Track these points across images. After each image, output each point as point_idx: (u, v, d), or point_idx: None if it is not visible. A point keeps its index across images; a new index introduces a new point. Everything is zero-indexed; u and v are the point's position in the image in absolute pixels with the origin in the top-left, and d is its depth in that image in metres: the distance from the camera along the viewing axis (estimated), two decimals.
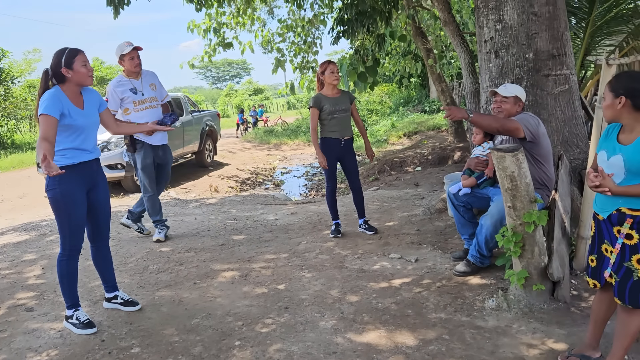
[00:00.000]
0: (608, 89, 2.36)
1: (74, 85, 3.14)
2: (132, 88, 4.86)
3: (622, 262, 2.35)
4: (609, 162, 2.37)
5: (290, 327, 3.22)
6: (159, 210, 5.21)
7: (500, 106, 3.69)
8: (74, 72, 3.09)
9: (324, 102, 4.89)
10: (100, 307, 3.62)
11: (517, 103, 3.68)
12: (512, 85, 3.75)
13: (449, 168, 9.69)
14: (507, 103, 3.67)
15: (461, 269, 3.87)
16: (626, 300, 2.35)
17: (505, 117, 3.67)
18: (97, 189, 3.32)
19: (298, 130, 22.11)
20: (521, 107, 3.72)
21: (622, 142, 2.35)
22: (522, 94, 3.71)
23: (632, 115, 2.30)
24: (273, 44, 10.51)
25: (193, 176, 11.74)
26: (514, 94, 3.66)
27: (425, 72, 17.31)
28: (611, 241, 2.40)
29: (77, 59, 3.10)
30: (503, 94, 3.67)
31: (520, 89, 3.72)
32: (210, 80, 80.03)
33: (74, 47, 3.16)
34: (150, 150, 4.95)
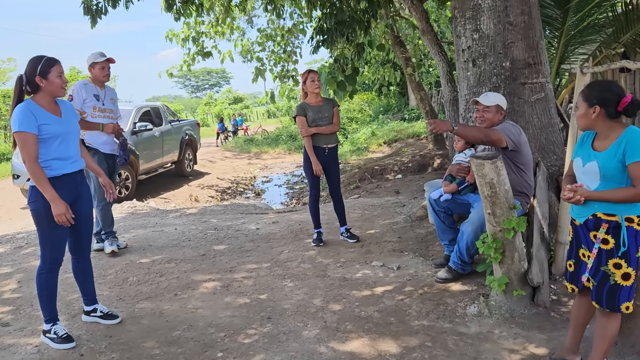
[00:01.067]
0: (581, 98, 2.40)
1: (47, 95, 3.08)
2: (96, 94, 4.86)
3: (599, 267, 2.40)
4: (584, 168, 2.42)
5: (273, 337, 3.20)
6: (111, 222, 5.13)
7: (483, 115, 3.74)
8: (48, 82, 3.03)
9: (307, 110, 4.91)
10: (79, 320, 3.55)
11: (499, 111, 3.74)
12: (493, 94, 3.81)
13: (429, 175, 9.77)
14: (489, 112, 3.72)
15: (443, 275, 3.90)
16: (604, 304, 2.39)
17: (487, 126, 3.72)
18: (81, 201, 3.27)
19: (278, 139, 22.09)
20: (503, 116, 3.78)
21: (597, 149, 2.40)
22: (503, 102, 3.77)
23: (606, 124, 2.36)
24: (253, 53, 10.52)
25: (173, 186, 11.64)
26: (495, 103, 3.71)
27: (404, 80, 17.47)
28: (588, 246, 2.44)
29: (54, 70, 3.04)
30: (485, 103, 3.72)
31: (501, 98, 3.78)
32: (190, 89, 79.57)
33: (51, 56, 3.12)
34: (103, 158, 4.91)
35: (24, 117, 2.94)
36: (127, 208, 8.26)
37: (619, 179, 2.30)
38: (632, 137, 2.28)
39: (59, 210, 2.98)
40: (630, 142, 2.27)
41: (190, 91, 79.08)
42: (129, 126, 10.22)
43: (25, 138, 2.93)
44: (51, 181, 3.02)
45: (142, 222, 6.73)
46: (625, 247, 2.32)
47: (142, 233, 6.02)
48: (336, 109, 5.03)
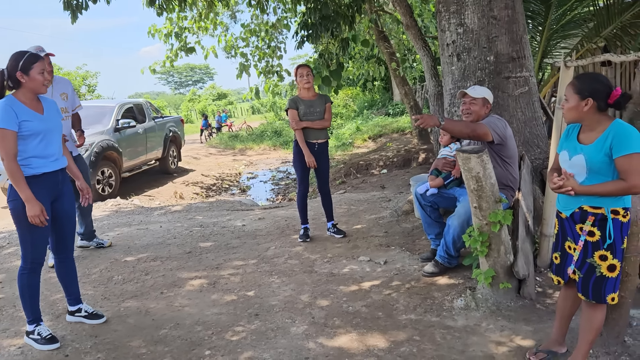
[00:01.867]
0: (573, 90, 2.38)
1: (28, 91, 3.01)
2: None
3: (585, 259, 2.42)
4: (570, 161, 2.43)
5: (261, 334, 3.18)
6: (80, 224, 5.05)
7: (470, 107, 3.76)
8: (29, 78, 2.97)
9: (299, 104, 4.89)
10: (63, 320, 3.50)
11: (486, 105, 3.76)
12: (480, 87, 3.83)
13: (414, 170, 9.80)
14: (476, 105, 3.74)
15: (430, 269, 3.92)
16: (590, 295, 2.41)
17: (474, 119, 3.74)
18: (62, 199, 3.21)
19: (263, 135, 22.01)
20: (489, 109, 3.80)
21: (583, 142, 2.41)
22: (490, 96, 3.79)
23: (595, 117, 2.36)
24: (236, 48, 10.45)
25: (157, 183, 11.53)
26: (482, 96, 3.73)
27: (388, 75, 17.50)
28: (574, 238, 2.46)
29: (36, 66, 2.97)
30: (472, 95, 3.74)
31: (488, 91, 3.80)
32: (173, 85, 78.92)
33: (35, 52, 3.05)
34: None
35: (3, 114, 2.88)
36: (110, 206, 8.17)
37: (606, 172, 2.32)
38: (619, 131, 2.29)
39: (33, 212, 2.93)
40: (617, 136, 2.28)
41: (174, 87, 78.45)
42: (112, 123, 10.10)
43: (4, 135, 2.87)
44: (31, 180, 2.97)
45: (126, 220, 6.66)
46: (611, 239, 2.35)
47: (126, 231, 5.95)
48: (328, 105, 5.02)
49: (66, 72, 24.96)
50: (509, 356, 2.77)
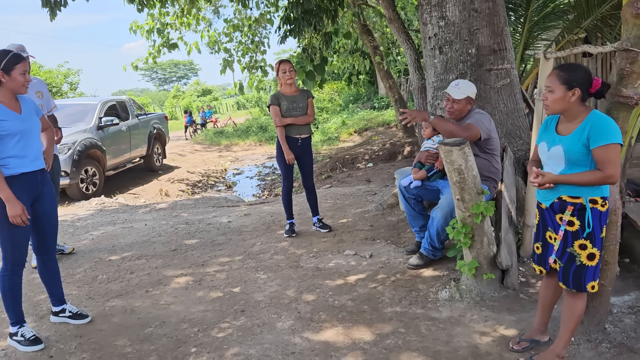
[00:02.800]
0: (558, 81, 2.35)
1: (7, 91, 2.98)
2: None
3: (565, 248, 2.45)
4: (549, 152, 2.46)
5: (247, 330, 3.18)
6: None
7: (453, 106, 3.75)
8: (10, 78, 2.94)
9: (281, 99, 4.88)
10: (47, 321, 3.47)
11: (469, 102, 3.77)
12: (464, 83, 3.78)
13: (399, 163, 9.84)
14: (459, 104, 3.74)
15: (414, 262, 3.94)
16: (570, 284, 2.45)
17: (456, 116, 3.76)
18: (43, 200, 3.18)
19: (249, 131, 21.92)
20: (472, 105, 3.80)
21: (561, 133, 2.43)
22: (473, 91, 3.78)
23: (579, 107, 2.38)
24: (220, 44, 10.37)
25: (142, 181, 11.44)
26: (465, 95, 3.72)
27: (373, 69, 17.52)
28: (554, 228, 2.49)
29: (18, 67, 2.95)
30: (455, 96, 3.71)
31: (471, 87, 3.77)
32: (157, 82, 78.16)
33: (18, 52, 3.02)
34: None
35: None
36: (95, 205, 8.09)
37: (584, 162, 2.34)
38: (596, 121, 2.31)
39: (14, 211, 2.90)
40: (594, 127, 2.30)
41: (158, 84, 77.72)
42: (95, 121, 9.99)
43: None
44: (9, 180, 2.93)
45: (110, 219, 6.60)
46: (590, 228, 2.38)
47: (111, 230, 5.91)
48: (310, 100, 5.01)
49: (47, 70, 24.63)
50: (492, 346, 2.80)
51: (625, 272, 3.53)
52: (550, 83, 2.37)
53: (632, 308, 3.02)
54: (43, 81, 4.78)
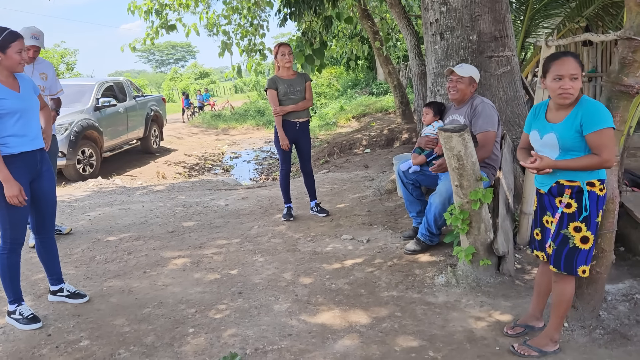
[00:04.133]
0: (580, 68, 2.35)
1: (4, 69, 2.96)
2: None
3: (559, 230, 2.46)
4: (542, 140, 2.46)
5: (245, 311, 3.21)
6: None
7: (456, 85, 3.78)
8: (5, 56, 2.92)
9: (279, 83, 4.85)
10: (45, 300, 3.48)
11: (472, 84, 3.78)
12: (468, 66, 3.83)
13: (397, 149, 9.84)
14: (462, 83, 3.76)
15: (411, 247, 3.96)
16: (561, 267, 2.46)
17: (459, 97, 3.80)
18: (41, 179, 3.17)
19: (246, 114, 21.85)
20: (475, 88, 3.81)
21: (552, 121, 2.44)
22: (477, 75, 3.80)
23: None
24: (218, 26, 10.28)
25: (139, 163, 11.42)
26: (469, 75, 3.74)
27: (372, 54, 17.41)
28: (553, 212, 2.51)
29: (14, 45, 2.93)
30: (460, 73, 3.75)
31: (475, 70, 3.80)
32: (154, 63, 77.59)
33: (15, 30, 2.99)
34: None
35: None
36: (92, 186, 8.08)
37: (578, 148, 2.36)
38: (588, 107, 2.33)
39: (11, 192, 2.89)
40: (586, 113, 2.31)
41: (155, 66, 77.17)
42: (92, 102, 9.93)
43: None
44: (8, 159, 2.93)
45: (108, 200, 6.60)
46: (587, 211, 2.39)
47: (108, 211, 5.91)
48: (308, 84, 4.99)
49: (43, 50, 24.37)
50: (487, 330, 2.83)
51: (620, 261, 3.57)
52: (576, 70, 2.34)
53: (626, 296, 3.05)
54: (51, 64, 4.75)
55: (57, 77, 4.73)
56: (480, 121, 3.69)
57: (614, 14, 6.34)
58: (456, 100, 3.86)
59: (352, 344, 2.77)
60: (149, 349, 2.84)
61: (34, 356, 2.82)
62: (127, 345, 2.89)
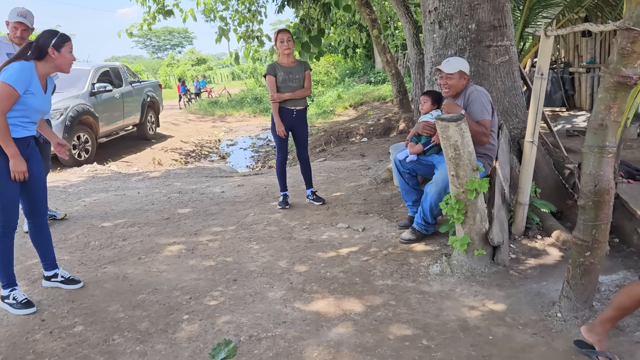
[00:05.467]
0: None
1: (51, 68, 3.07)
2: (9, 53, 4.35)
3: None
4: None
5: (239, 298, 3.21)
6: None
7: (447, 83, 3.77)
8: (60, 55, 3.04)
9: (278, 70, 4.82)
10: (39, 286, 3.48)
11: (462, 77, 3.76)
12: (455, 59, 3.80)
13: (394, 138, 9.83)
14: (452, 79, 3.75)
15: (407, 236, 3.97)
16: None
17: (452, 93, 3.80)
18: (30, 163, 3.16)
19: (243, 102, 21.76)
20: (467, 80, 3.79)
21: None
22: (465, 66, 3.77)
23: None
24: (216, 12, 10.19)
25: (135, 149, 11.38)
26: (457, 69, 3.72)
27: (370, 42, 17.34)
28: None
29: (67, 45, 3.07)
30: (447, 70, 3.74)
31: (463, 62, 3.78)
32: (151, 49, 77.05)
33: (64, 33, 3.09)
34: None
35: (22, 75, 2.91)
36: (87, 172, 8.06)
37: None
38: None
39: (19, 167, 2.97)
40: None
41: (152, 51, 76.66)
42: (87, 87, 9.86)
43: (10, 93, 2.89)
44: None
45: (103, 186, 6.58)
46: None
47: (103, 197, 5.89)
48: (308, 73, 4.96)
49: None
50: (481, 320, 2.84)
51: (614, 252, 3.58)
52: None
53: (620, 287, 3.06)
54: None
55: None
56: (474, 108, 3.67)
57: (614, 4, 6.32)
58: (451, 96, 3.86)
59: (346, 332, 2.78)
60: (143, 335, 2.84)
61: (27, 341, 2.82)
62: (121, 331, 2.89)
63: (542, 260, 3.55)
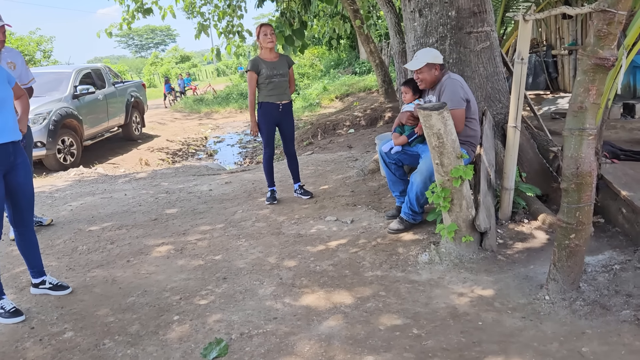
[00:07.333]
0: None
1: None
2: None
3: None
4: None
5: (230, 297, 3.20)
6: None
7: (419, 77, 3.83)
8: None
9: (261, 65, 4.80)
10: (27, 293, 3.44)
11: (433, 68, 3.77)
12: (422, 52, 3.82)
13: (380, 128, 9.83)
14: (422, 73, 3.78)
15: (395, 226, 3.97)
16: None
17: (426, 85, 3.85)
18: (16, 172, 3.10)
19: (229, 98, 21.65)
20: (438, 69, 3.79)
21: None
22: (433, 57, 3.76)
23: None
24: (195, 8, 10.10)
25: (121, 150, 11.29)
26: (424, 63, 3.74)
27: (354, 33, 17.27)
28: None
29: None
30: (412, 68, 3.81)
31: (430, 53, 3.77)
32: (134, 48, 76.32)
33: None
34: None
35: None
36: (73, 175, 7.98)
37: None
38: None
39: None
40: None
41: (134, 51, 75.96)
42: (70, 90, 9.75)
43: None
44: None
45: (89, 189, 6.52)
46: None
47: (90, 200, 5.84)
48: (291, 69, 4.96)
49: (19, 38, 23.82)
50: (470, 306, 2.86)
51: (599, 232, 3.61)
52: None
53: (606, 267, 3.10)
54: (18, 52, 4.54)
55: (27, 66, 4.55)
56: (444, 99, 3.68)
57: None
58: (427, 88, 3.89)
59: (337, 325, 2.78)
60: (133, 338, 2.83)
61: (17, 350, 2.80)
62: (112, 335, 2.87)
63: (529, 244, 3.58)
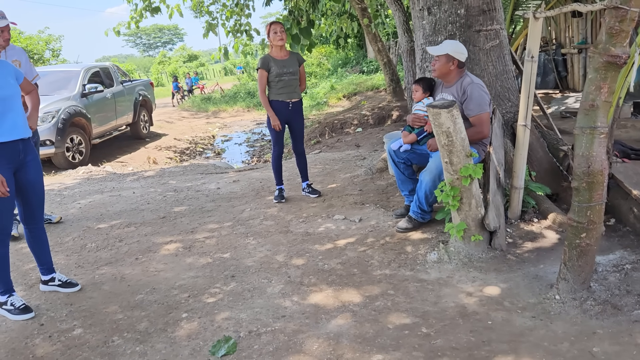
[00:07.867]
0: None
1: None
2: None
3: None
4: None
5: (238, 294, 3.20)
6: None
7: (434, 64, 3.79)
8: None
9: (271, 63, 4.79)
10: (37, 290, 3.46)
11: (451, 61, 3.74)
12: (448, 42, 3.80)
13: (388, 127, 9.80)
14: (439, 62, 3.76)
15: (403, 225, 3.96)
16: None
17: (439, 74, 3.82)
18: (26, 169, 3.12)
19: (236, 97, 21.66)
20: (456, 65, 3.75)
21: None
22: (455, 51, 3.73)
23: None
24: (203, 7, 10.10)
25: (129, 149, 11.32)
26: (444, 52, 3.71)
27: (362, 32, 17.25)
28: None
29: None
30: (432, 52, 3.79)
31: (452, 46, 3.74)
32: (141, 47, 76.60)
33: None
34: None
35: None
36: (82, 174, 8.02)
37: None
38: None
39: None
40: None
41: (142, 50, 76.24)
42: (78, 89, 9.79)
43: None
44: None
45: (98, 187, 6.55)
46: None
47: (98, 198, 5.87)
48: (302, 67, 4.95)
49: (28, 37, 23.97)
50: (479, 305, 2.84)
51: (610, 232, 3.58)
52: None
53: (617, 266, 3.07)
54: (22, 50, 4.58)
55: (31, 63, 4.59)
56: (472, 105, 3.67)
57: None
58: (438, 77, 3.87)
59: (346, 323, 2.77)
60: (142, 335, 2.83)
61: (27, 346, 2.81)
62: (121, 332, 2.88)
63: (539, 244, 3.56)
